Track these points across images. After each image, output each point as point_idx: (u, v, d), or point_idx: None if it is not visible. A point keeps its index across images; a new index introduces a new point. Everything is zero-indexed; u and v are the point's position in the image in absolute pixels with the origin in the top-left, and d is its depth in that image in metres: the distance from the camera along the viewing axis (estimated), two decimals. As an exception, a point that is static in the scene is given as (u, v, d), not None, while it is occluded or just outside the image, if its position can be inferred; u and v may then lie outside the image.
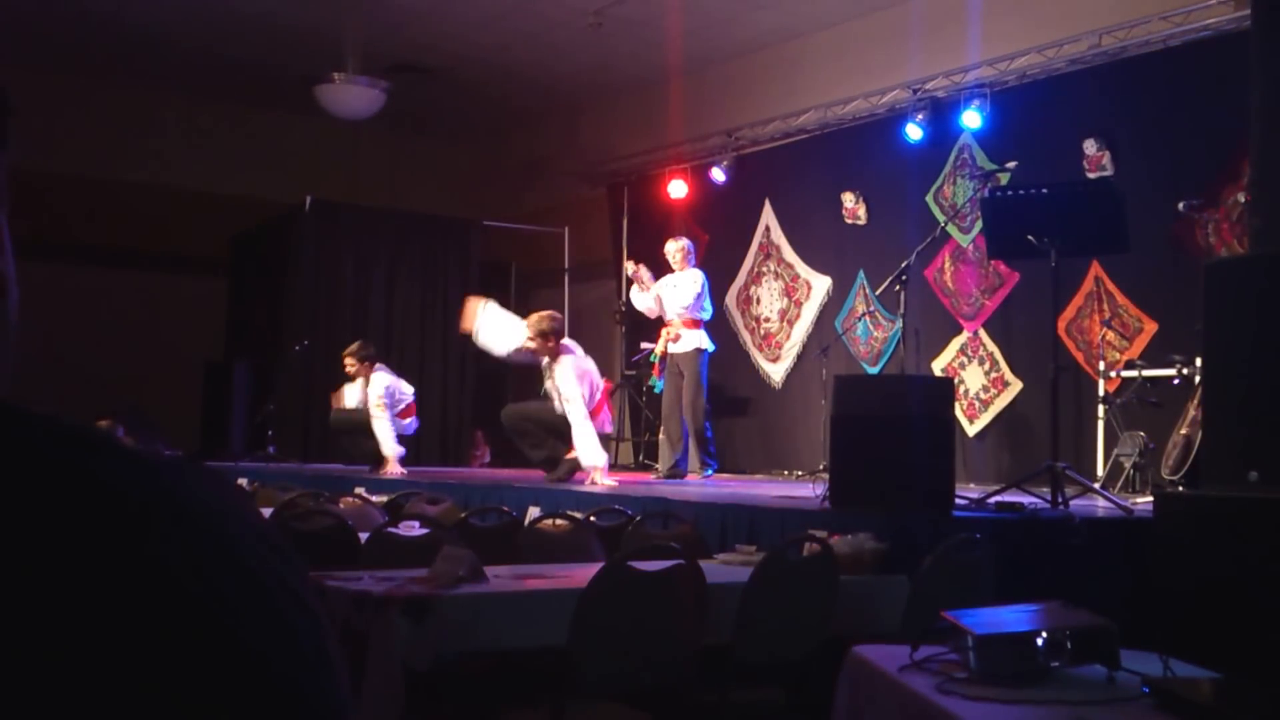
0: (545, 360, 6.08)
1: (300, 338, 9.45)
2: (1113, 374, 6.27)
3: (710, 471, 7.22)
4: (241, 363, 9.82)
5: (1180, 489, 4.75)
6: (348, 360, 7.51)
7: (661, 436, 7.52)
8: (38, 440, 0.36)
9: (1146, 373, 5.80)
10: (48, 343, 9.79)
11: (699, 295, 7.14)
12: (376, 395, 7.33)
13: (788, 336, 8.83)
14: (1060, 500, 4.32)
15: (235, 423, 9.37)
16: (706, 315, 7.25)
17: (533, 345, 6.01)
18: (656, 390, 7.96)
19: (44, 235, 10.00)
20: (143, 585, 0.34)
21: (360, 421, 7.40)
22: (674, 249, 7.27)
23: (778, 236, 8.94)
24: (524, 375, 11.23)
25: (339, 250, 10.08)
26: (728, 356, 9.20)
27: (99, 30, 9.27)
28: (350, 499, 4.67)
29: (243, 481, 6.42)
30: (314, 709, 0.36)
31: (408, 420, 7.60)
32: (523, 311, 6.19)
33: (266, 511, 4.00)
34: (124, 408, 8.51)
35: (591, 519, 4.24)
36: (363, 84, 9.44)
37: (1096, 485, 5.19)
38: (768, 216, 9.00)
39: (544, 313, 6.19)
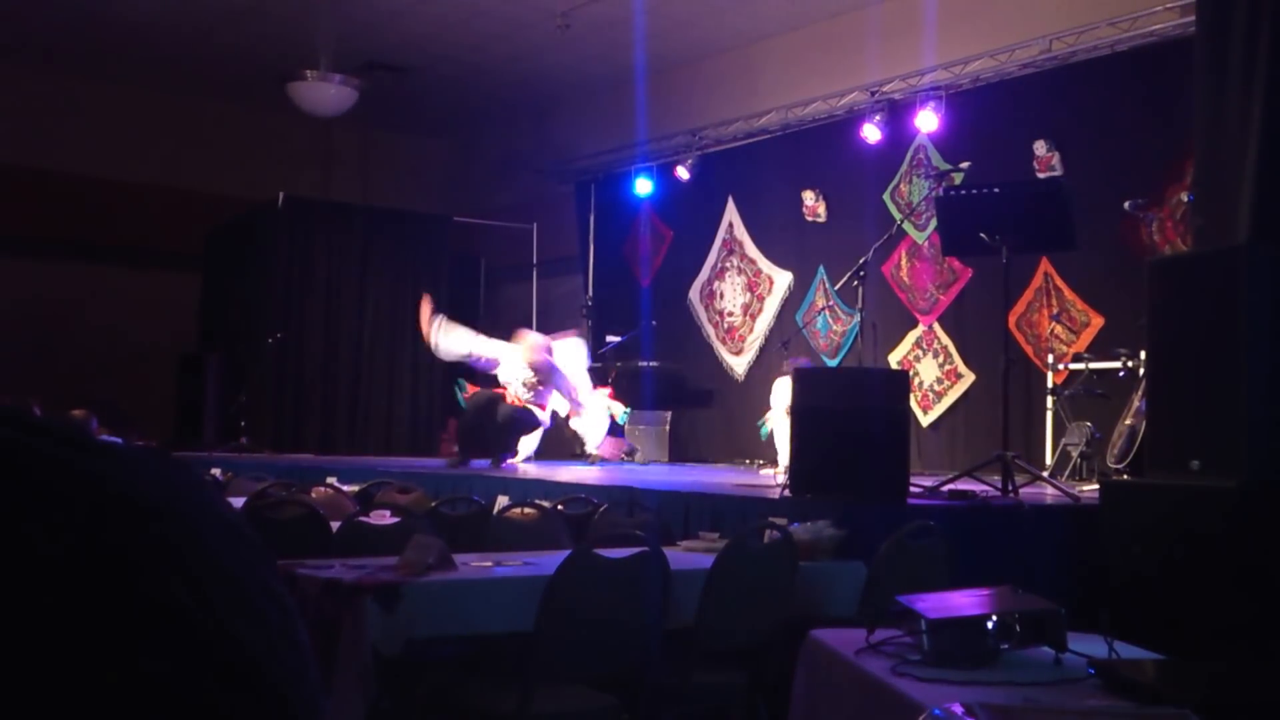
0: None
1: (273, 331, 9.46)
2: (1061, 366, 6.42)
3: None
4: (214, 355, 9.81)
5: (1125, 477, 4.83)
6: None
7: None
8: (2, 432, 0.36)
9: (1093, 365, 5.93)
10: (23, 335, 9.71)
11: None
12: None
13: (750, 330, 8.95)
14: (1010, 488, 4.43)
15: (208, 414, 9.35)
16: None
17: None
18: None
19: (20, 230, 9.92)
20: (109, 577, 0.34)
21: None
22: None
23: (740, 233, 9.06)
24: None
25: (311, 245, 10.10)
26: (692, 349, 9.32)
27: (75, 26, 9.19)
28: (322, 488, 4.70)
29: (215, 472, 6.43)
30: (286, 697, 0.36)
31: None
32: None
33: (239, 501, 4.04)
34: (98, 399, 8.47)
35: (559, 507, 4.30)
36: (335, 82, 9.46)
37: (1045, 474, 5.34)
38: (731, 213, 9.11)
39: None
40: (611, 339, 8.91)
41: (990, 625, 2.09)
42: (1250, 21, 4.18)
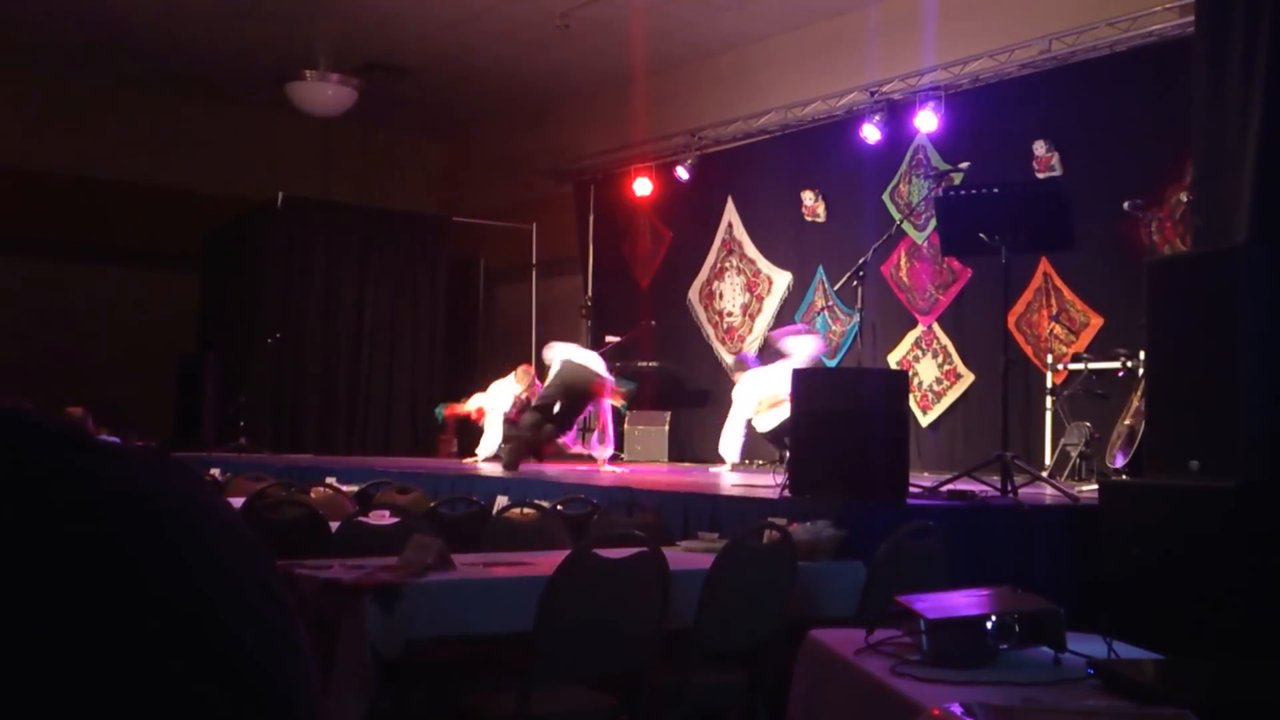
0: None
1: (272, 331, 9.47)
2: (1060, 367, 6.44)
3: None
4: (213, 355, 9.81)
5: (1124, 478, 4.84)
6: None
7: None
8: (1, 432, 0.35)
9: (1092, 365, 5.94)
10: (22, 335, 9.71)
11: None
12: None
13: (750, 330, 8.96)
14: (1010, 488, 4.43)
15: (207, 414, 9.35)
16: None
17: None
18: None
19: (18, 230, 9.92)
20: (108, 577, 0.34)
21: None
22: None
23: (740, 233, 9.06)
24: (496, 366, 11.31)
25: (310, 246, 10.11)
26: (691, 349, 9.33)
27: (73, 26, 9.19)
28: (321, 489, 4.71)
29: (214, 472, 6.44)
30: (284, 696, 0.36)
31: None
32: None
33: (238, 501, 4.04)
34: (97, 399, 8.48)
35: (558, 508, 4.31)
36: (334, 82, 9.47)
37: (1044, 474, 5.35)
38: (730, 214, 9.11)
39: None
40: (611, 339, 8.92)
41: (989, 625, 2.08)
42: (1249, 21, 4.19)
